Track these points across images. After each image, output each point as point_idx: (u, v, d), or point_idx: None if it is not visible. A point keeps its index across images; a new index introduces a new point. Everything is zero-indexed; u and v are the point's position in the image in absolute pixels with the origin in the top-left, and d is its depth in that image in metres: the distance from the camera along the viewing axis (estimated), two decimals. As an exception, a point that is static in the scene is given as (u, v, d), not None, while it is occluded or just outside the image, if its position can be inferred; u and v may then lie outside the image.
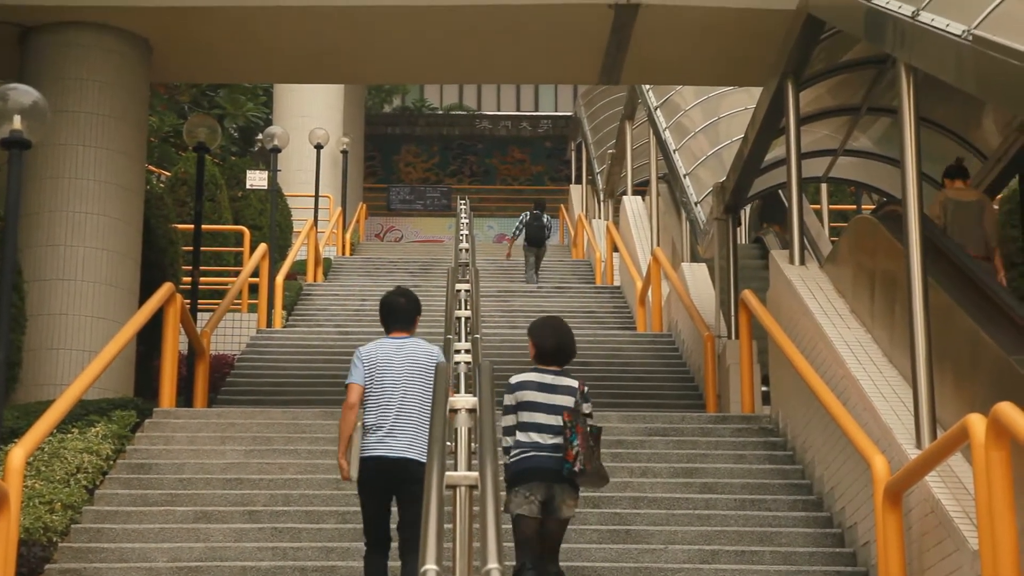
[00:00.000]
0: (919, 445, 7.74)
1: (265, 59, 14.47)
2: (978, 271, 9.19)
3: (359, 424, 7.53)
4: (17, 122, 8.88)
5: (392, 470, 7.43)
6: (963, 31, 7.02)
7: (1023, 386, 7.11)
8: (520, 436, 7.33)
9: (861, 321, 9.96)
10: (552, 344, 7.57)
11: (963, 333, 8.19)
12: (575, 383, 7.46)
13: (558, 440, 7.24)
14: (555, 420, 7.30)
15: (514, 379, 7.48)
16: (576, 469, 7.15)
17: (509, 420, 7.44)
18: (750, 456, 10.70)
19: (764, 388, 12.33)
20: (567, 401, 7.36)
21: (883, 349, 9.40)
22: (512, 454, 7.36)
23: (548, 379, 7.45)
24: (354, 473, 7.46)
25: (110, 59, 12.70)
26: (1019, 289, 13.01)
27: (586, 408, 7.38)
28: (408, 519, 7.37)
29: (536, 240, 22.11)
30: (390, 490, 7.51)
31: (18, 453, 8.01)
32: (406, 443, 7.45)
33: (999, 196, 13.52)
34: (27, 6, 12.32)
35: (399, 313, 7.81)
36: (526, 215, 22.92)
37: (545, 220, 22.70)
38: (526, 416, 7.37)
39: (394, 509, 7.58)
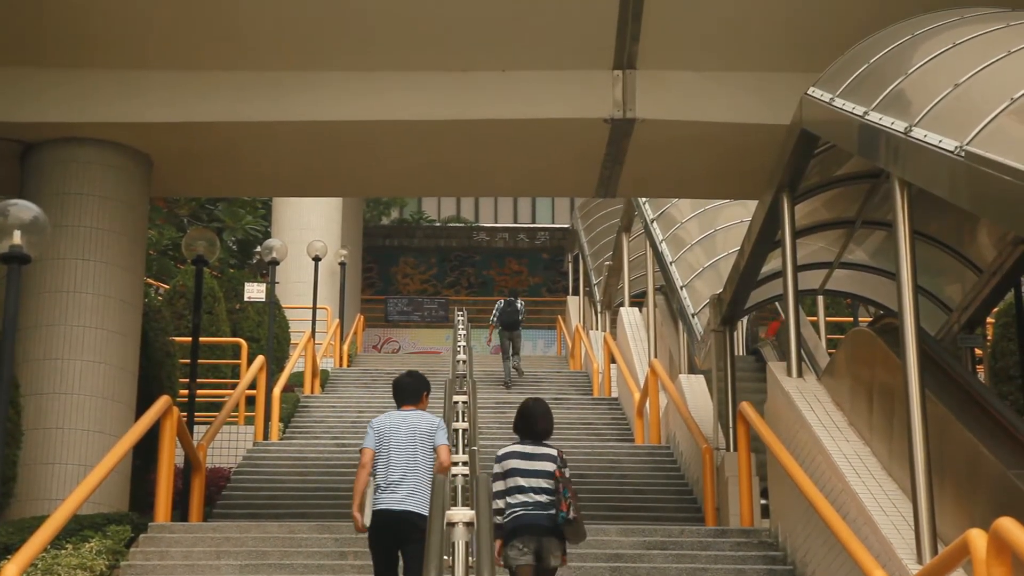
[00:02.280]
0: (920, 560, 7.68)
1: (263, 173, 14.59)
2: (977, 384, 9.19)
3: (371, 481, 8.71)
4: (17, 237, 8.95)
5: (397, 520, 8.55)
6: (956, 147, 7.09)
7: (1023, 501, 7.08)
8: (509, 499, 8.38)
9: (859, 434, 9.93)
10: (520, 424, 8.75)
11: (962, 447, 8.17)
12: (554, 451, 8.56)
13: (540, 499, 8.31)
14: (536, 483, 8.38)
15: (500, 451, 8.63)
16: (571, 517, 8.20)
17: (499, 486, 8.46)
18: (750, 570, 10.60)
19: (763, 501, 12.25)
20: (547, 466, 8.44)
21: (882, 462, 9.36)
22: (505, 514, 8.35)
23: (528, 448, 8.57)
24: (367, 521, 8.58)
25: (110, 174, 12.80)
26: (1017, 403, 13.00)
27: (566, 472, 8.44)
28: (412, 568, 8.40)
29: (509, 324, 23.68)
30: (396, 539, 8.59)
31: (11, 570, 7.93)
32: (408, 498, 8.61)
33: (995, 309, 13.55)
34: (29, 123, 12.46)
35: (405, 390, 9.20)
36: (501, 303, 24.12)
37: (519, 306, 24.40)
38: (511, 481, 8.43)
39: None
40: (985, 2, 9.72)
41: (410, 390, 9.19)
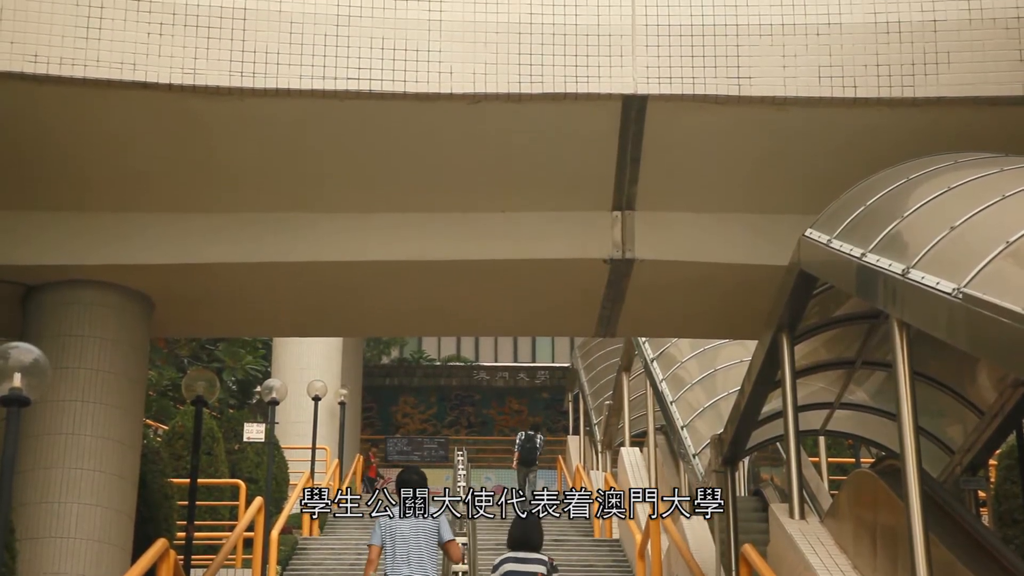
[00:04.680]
0: None
1: (264, 313, 14.62)
2: (981, 528, 9.11)
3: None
4: (17, 380, 8.94)
5: None
6: (953, 289, 7.12)
7: (1031, 647, 6.98)
8: None
9: (864, 577, 9.82)
10: (515, 536, 10.34)
11: (967, 591, 8.08)
12: (545, 557, 10.26)
13: None
14: None
15: (498, 560, 10.21)
16: None
17: None
18: None
19: (767, 646, 12.05)
20: (539, 568, 10.07)
21: (887, 606, 9.24)
22: None
23: (521, 555, 10.23)
24: None
25: (111, 315, 12.82)
26: (1022, 547, 12.87)
27: None
28: None
29: (526, 460, 24.62)
30: None
31: None
32: None
33: (997, 451, 13.47)
34: (31, 266, 12.51)
35: (412, 487, 10.50)
36: (522, 435, 24.85)
37: (538, 442, 25.47)
38: None
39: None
40: (978, 147, 9.86)
41: (416, 487, 10.50)
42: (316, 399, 23.54)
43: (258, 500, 16.95)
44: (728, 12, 11.31)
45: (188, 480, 14.61)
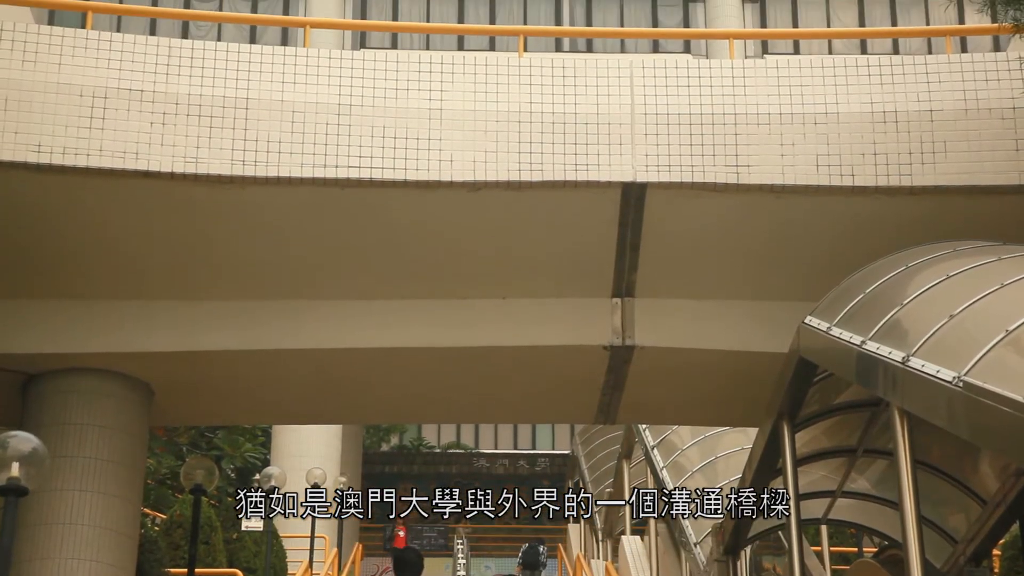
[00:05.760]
0: None
1: (263, 401, 14.59)
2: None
3: None
4: (15, 469, 8.90)
5: None
6: (953, 377, 7.10)
7: None
8: None
9: (868, 668, 9.71)
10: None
11: None
12: None
13: None
14: None
15: None
16: None
17: None
18: None
19: None
20: None
21: None
22: None
23: None
24: None
25: (111, 404, 12.78)
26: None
27: None
28: None
29: (531, 564, 24.98)
30: None
31: None
32: None
33: (1001, 541, 13.37)
34: (31, 354, 12.49)
35: (408, 567, 11.24)
36: (525, 545, 25.31)
37: (541, 549, 25.44)
38: None
39: None
40: (976, 235, 9.89)
41: (412, 568, 11.26)
42: (315, 487, 23.39)
43: (256, 590, 16.81)
44: (727, 101, 11.41)
45: (186, 570, 14.48)
